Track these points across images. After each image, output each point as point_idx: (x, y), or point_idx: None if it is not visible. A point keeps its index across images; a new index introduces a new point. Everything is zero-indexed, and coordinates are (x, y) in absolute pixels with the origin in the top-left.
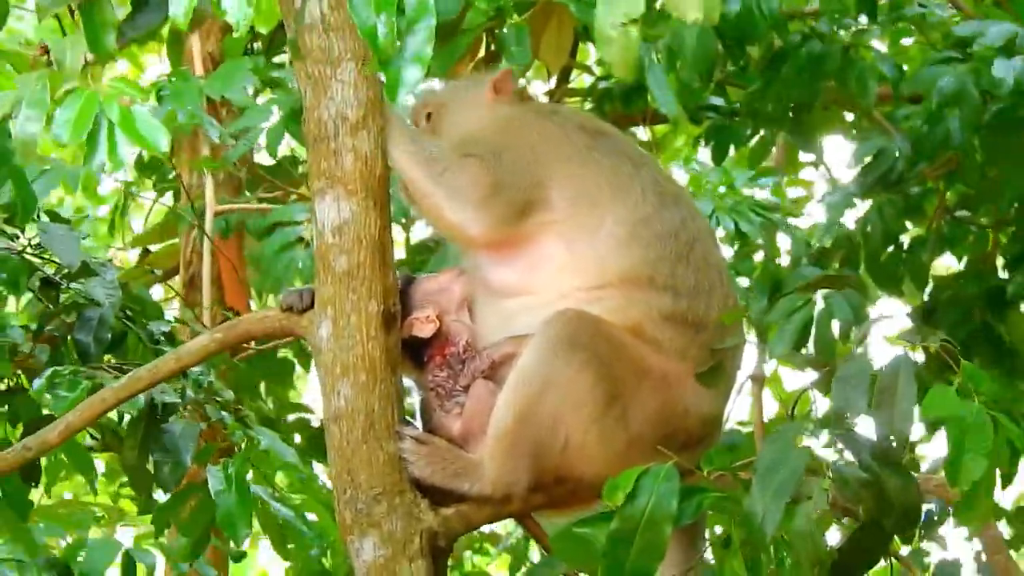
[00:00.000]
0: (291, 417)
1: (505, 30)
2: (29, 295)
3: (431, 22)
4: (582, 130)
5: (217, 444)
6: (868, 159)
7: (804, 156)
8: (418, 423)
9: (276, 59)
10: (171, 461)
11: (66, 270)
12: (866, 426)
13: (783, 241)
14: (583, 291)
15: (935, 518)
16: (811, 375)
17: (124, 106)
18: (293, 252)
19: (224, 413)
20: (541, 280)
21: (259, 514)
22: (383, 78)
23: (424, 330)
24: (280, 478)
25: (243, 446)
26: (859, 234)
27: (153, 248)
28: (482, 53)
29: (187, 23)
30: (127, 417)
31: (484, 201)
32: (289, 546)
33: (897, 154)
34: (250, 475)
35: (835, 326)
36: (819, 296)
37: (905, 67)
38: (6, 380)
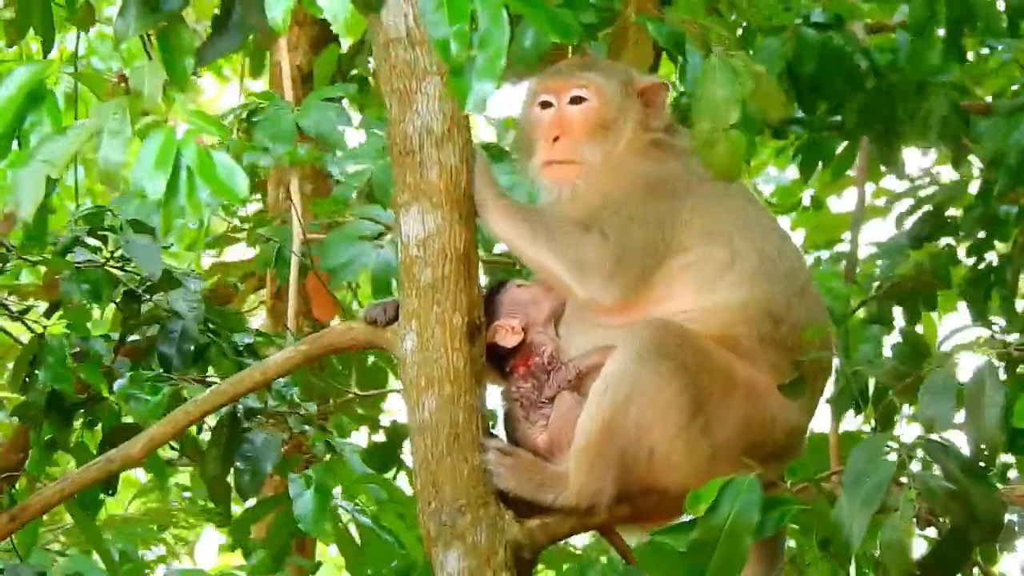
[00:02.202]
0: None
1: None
2: (111, 307)
3: (504, 37)
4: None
5: (301, 456)
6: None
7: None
8: (502, 435)
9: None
10: (251, 470)
11: (148, 282)
12: (954, 437)
13: None
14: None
15: (1015, 528)
16: None
17: (202, 148)
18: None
19: (306, 426)
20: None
21: (336, 532)
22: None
23: (508, 340)
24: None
25: (326, 458)
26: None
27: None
28: None
29: (286, 27)
30: (206, 427)
31: (612, 274)
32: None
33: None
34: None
35: None
36: None
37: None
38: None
